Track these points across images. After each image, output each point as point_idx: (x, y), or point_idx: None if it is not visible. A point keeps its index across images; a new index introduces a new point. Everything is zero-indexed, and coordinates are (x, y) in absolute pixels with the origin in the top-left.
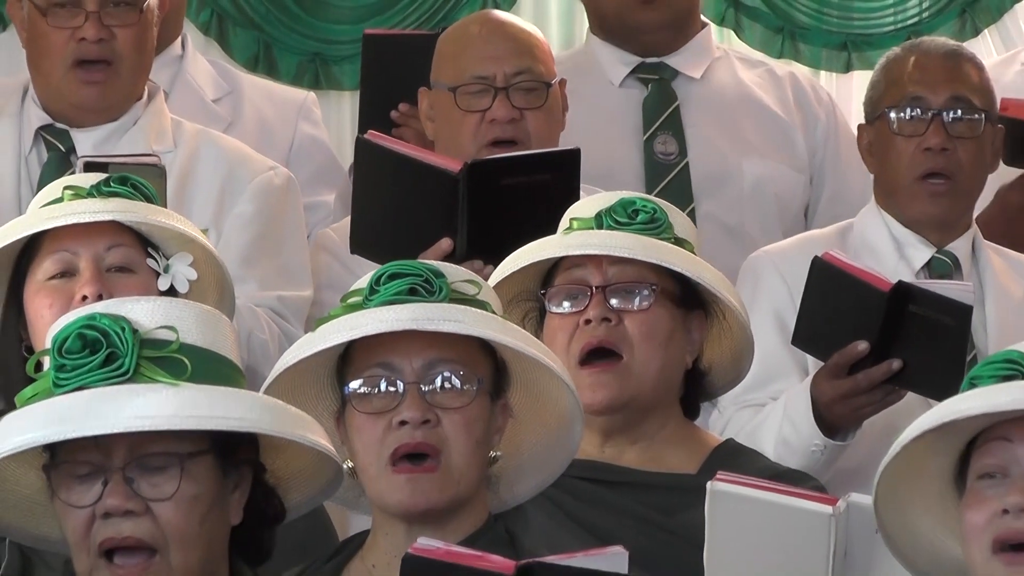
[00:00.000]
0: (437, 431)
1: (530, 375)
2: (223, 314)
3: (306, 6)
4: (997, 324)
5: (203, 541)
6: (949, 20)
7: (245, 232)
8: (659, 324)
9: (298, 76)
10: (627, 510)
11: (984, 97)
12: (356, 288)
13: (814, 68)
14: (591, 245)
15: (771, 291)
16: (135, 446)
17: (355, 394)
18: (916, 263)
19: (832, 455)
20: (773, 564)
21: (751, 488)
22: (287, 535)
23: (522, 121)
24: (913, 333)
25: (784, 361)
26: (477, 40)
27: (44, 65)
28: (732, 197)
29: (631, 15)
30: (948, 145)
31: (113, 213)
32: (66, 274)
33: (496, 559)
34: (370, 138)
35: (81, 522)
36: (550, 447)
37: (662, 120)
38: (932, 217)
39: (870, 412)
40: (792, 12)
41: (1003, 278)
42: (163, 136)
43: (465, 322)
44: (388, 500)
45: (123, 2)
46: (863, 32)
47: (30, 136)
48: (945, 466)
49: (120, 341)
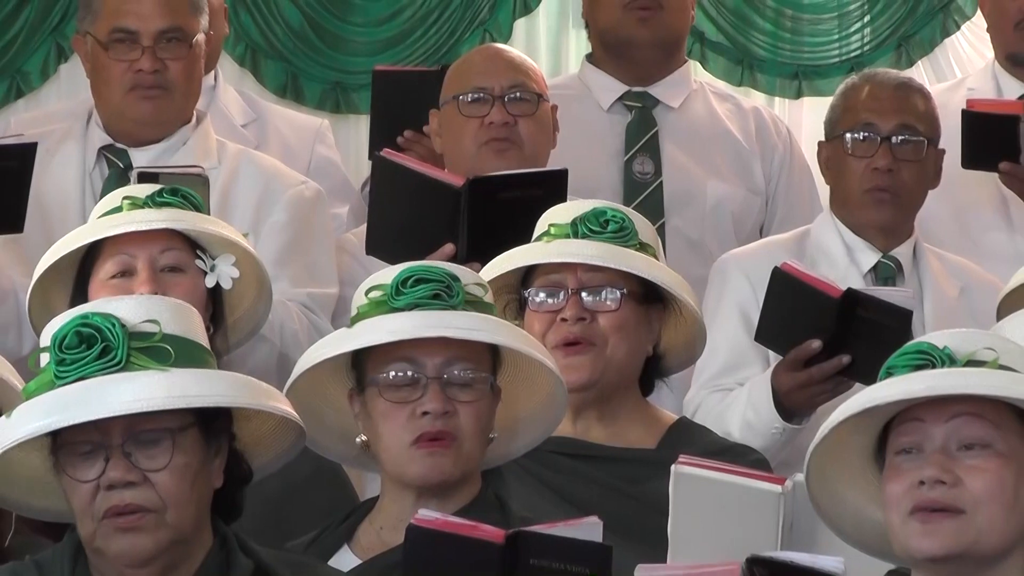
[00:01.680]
0: (454, 420)
1: (522, 362)
2: (262, 305)
3: (328, 41)
4: (934, 320)
5: (194, 502)
6: (887, 53)
7: (279, 237)
8: (626, 320)
9: (322, 102)
10: (596, 480)
11: (928, 124)
12: (378, 284)
13: (769, 95)
14: (569, 254)
15: (737, 290)
16: (131, 425)
17: (382, 384)
18: (864, 266)
19: (789, 436)
20: (729, 536)
21: (710, 470)
22: (315, 501)
23: (515, 126)
24: (860, 333)
25: (748, 352)
26: (479, 61)
27: (105, 92)
28: (696, 214)
29: (626, 29)
30: (893, 166)
31: (167, 222)
32: (125, 274)
33: (488, 529)
34: (386, 155)
35: (86, 494)
36: (540, 414)
37: (642, 143)
38: (877, 224)
39: (823, 400)
40: (750, 46)
41: (940, 280)
42: (208, 154)
43: (486, 331)
44: (408, 474)
45: (175, 38)
46: (812, 63)
47: (93, 155)
48: (866, 444)
49: (112, 335)
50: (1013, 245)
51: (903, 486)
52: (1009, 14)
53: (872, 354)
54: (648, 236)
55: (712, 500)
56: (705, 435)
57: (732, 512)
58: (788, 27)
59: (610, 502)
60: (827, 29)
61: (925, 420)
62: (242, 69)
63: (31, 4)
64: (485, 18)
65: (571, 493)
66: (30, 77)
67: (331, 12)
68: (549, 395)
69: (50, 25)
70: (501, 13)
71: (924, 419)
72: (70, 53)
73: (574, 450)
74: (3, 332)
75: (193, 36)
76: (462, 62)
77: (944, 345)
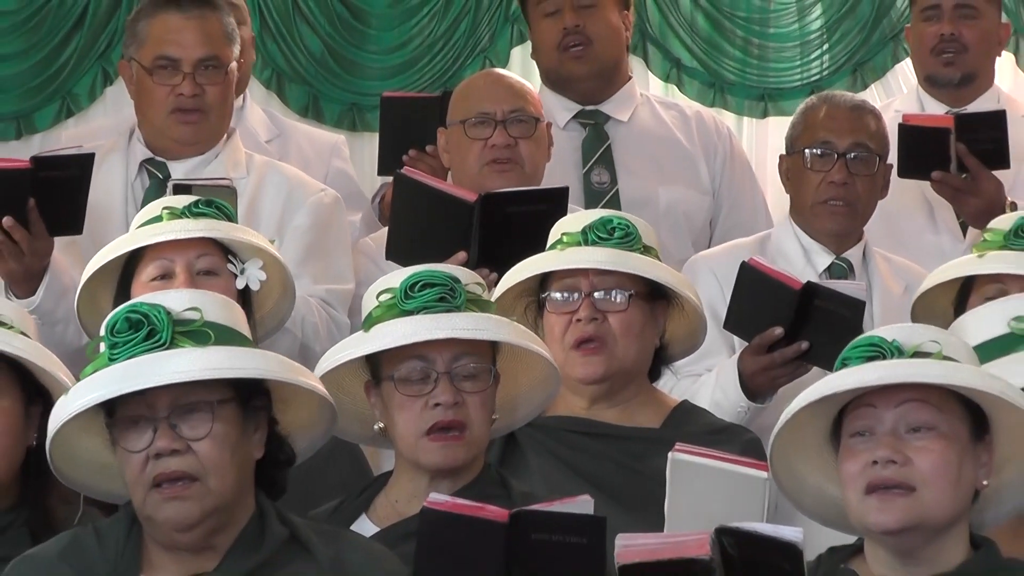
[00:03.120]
0: (463, 410)
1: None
2: (286, 303)
3: (345, 67)
4: (881, 315)
5: (234, 469)
6: (843, 77)
7: (301, 240)
8: (634, 319)
9: (339, 121)
10: (607, 456)
11: (879, 142)
12: (388, 287)
13: (738, 114)
14: (582, 261)
15: (706, 287)
16: (175, 399)
17: (398, 379)
18: (819, 267)
19: (754, 415)
20: (720, 515)
21: (703, 457)
22: (333, 475)
23: (516, 147)
24: (818, 321)
25: (716, 341)
26: (482, 87)
27: (149, 112)
28: (651, 216)
29: (565, 68)
30: (848, 180)
31: (203, 231)
32: (165, 277)
33: (493, 509)
34: (406, 173)
35: (138, 463)
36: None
37: (597, 156)
38: (833, 232)
39: (783, 382)
40: (721, 71)
41: (887, 279)
42: (238, 166)
43: (489, 329)
44: (423, 461)
45: (212, 65)
46: (776, 86)
47: (135, 167)
48: (822, 427)
49: (157, 320)
50: (938, 245)
51: (858, 465)
52: (926, 41)
53: (828, 340)
54: (650, 239)
55: (704, 484)
56: (703, 416)
57: (722, 494)
58: (755, 54)
59: (619, 476)
60: (790, 56)
61: (877, 406)
62: (269, 91)
63: (80, 33)
64: (485, 46)
65: (584, 468)
66: (79, 98)
67: (348, 41)
68: (543, 374)
69: (97, 52)
70: (500, 42)
71: (876, 405)
72: (115, 77)
73: (587, 429)
74: (64, 324)
75: (228, 64)
76: (467, 86)
77: (893, 338)
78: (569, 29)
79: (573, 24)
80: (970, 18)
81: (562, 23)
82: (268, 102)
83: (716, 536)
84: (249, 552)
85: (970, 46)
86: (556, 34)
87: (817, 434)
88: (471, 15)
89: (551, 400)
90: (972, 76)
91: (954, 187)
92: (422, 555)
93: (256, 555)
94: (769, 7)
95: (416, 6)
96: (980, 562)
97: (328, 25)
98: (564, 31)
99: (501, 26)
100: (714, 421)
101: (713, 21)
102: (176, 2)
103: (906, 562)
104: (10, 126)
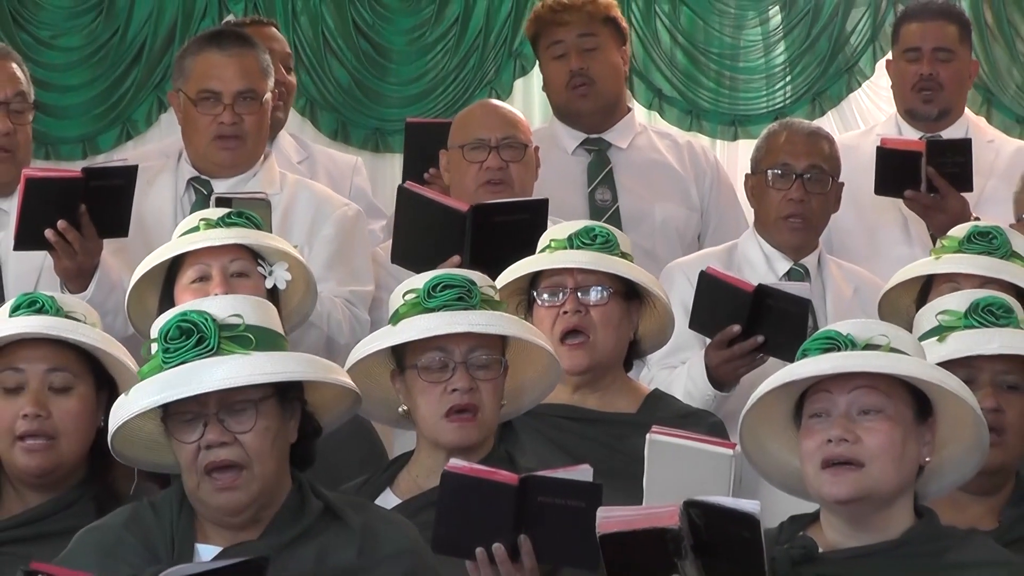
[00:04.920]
0: (477, 395)
1: (525, 343)
2: (309, 301)
3: (369, 96)
4: (834, 313)
5: (275, 456)
6: (804, 105)
7: (328, 247)
8: (612, 313)
9: (364, 143)
10: (591, 437)
11: (832, 164)
12: (412, 288)
13: (712, 138)
14: (569, 261)
15: (680, 291)
16: (223, 397)
17: (421, 367)
18: (779, 272)
19: (720, 402)
20: (691, 489)
21: (676, 437)
22: (351, 453)
23: (507, 169)
24: (770, 318)
25: (688, 337)
26: (479, 116)
27: (195, 138)
28: (647, 230)
29: (572, 105)
30: (804, 198)
31: (235, 238)
32: (203, 279)
33: (505, 474)
34: (407, 187)
35: (191, 453)
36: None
37: (600, 177)
38: (791, 245)
39: (744, 372)
40: (697, 100)
41: (839, 282)
42: (273, 183)
43: (500, 325)
44: (442, 439)
45: (249, 97)
46: (745, 113)
47: (183, 184)
48: (786, 409)
49: (205, 328)
50: (912, 255)
51: (815, 443)
52: (907, 78)
53: (780, 333)
54: (626, 246)
55: (678, 460)
56: (673, 403)
57: (694, 470)
58: (727, 85)
59: (601, 455)
60: (757, 87)
61: (832, 391)
62: (303, 118)
63: (138, 67)
64: (492, 78)
65: (571, 448)
66: (137, 124)
67: (372, 74)
68: (545, 366)
69: (152, 84)
70: (504, 74)
71: (831, 390)
72: (168, 105)
73: (573, 415)
74: (113, 316)
75: (263, 95)
76: (466, 115)
77: (847, 332)
78: (575, 71)
79: (578, 67)
80: (947, 60)
81: (568, 65)
82: (302, 127)
83: (684, 508)
84: (290, 523)
85: (946, 85)
86: (564, 75)
87: (782, 415)
88: (479, 51)
89: (552, 388)
90: (947, 111)
91: (924, 204)
92: (442, 513)
93: (297, 525)
94: (739, 44)
95: (431, 43)
96: (922, 529)
97: (355, 60)
98: (571, 73)
99: (505, 61)
100: (683, 407)
101: (690, 56)
102: (218, 41)
103: (857, 529)
104: (77, 147)
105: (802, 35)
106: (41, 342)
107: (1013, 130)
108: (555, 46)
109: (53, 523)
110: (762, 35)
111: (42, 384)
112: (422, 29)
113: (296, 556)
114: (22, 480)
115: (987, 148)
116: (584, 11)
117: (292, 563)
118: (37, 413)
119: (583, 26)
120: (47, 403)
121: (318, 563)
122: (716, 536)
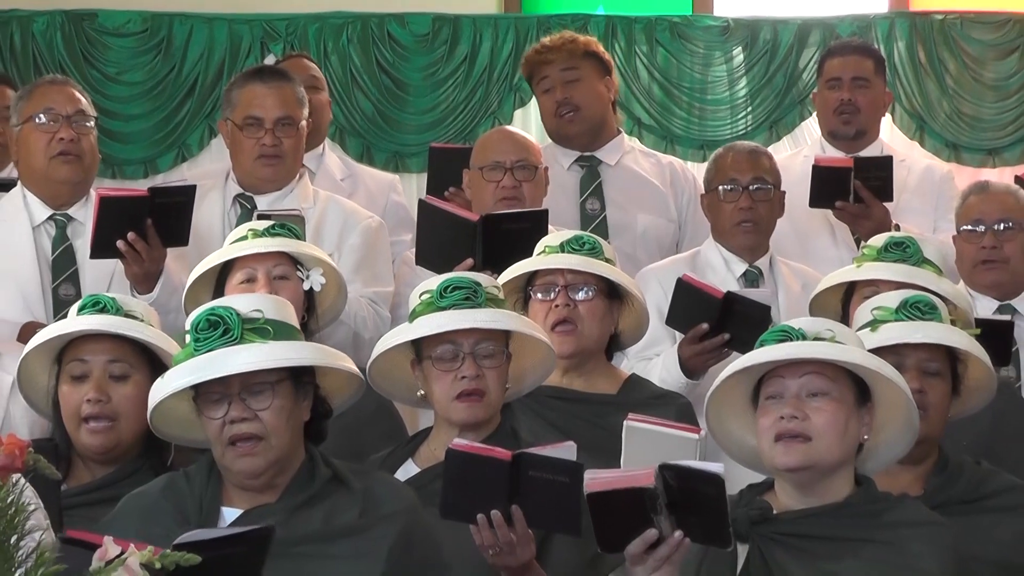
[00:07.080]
0: (483, 380)
1: (526, 336)
2: (340, 301)
3: (390, 124)
4: (786, 309)
5: (289, 431)
6: (762, 131)
7: (354, 254)
8: (597, 308)
9: (386, 165)
10: (578, 415)
11: (773, 176)
12: (427, 289)
13: (684, 159)
14: (560, 263)
15: (654, 293)
16: (244, 380)
17: (435, 358)
18: (736, 273)
19: (691, 389)
20: None
21: (649, 424)
22: (379, 430)
23: (520, 188)
24: (736, 319)
25: (661, 334)
26: (496, 141)
27: (241, 159)
28: (630, 238)
29: (560, 129)
30: (752, 205)
31: (277, 246)
32: (250, 281)
33: (500, 451)
34: (427, 200)
35: (217, 427)
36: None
37: (591, 190)
38: (745, 246)
39: (712, 364)
40: (671, 127)
41: (788, 280)
42: (306, 199)
43: (502, 321)
44: (454, 418)
45: (287, 123)
46: (712, 139)
47: (230, 201)
48: (745, 391)
49: (230, 320)
50: (838, 256)
51: (770, 420)
52: (829, 104)
53: (744, 332)
54: (610, 253)
55: (650, 443)
56: (648, 386)
57: (664, 451)
58: (696, 114)
59: (586, 431)
60: (722, 116)
61: (785, 376)
62: (332, 142)
63: (192, 100)
64: (495, 109)
65: (560, 425)
66: (191, 148)
67: (392, 104)
68: (543, 354)
69: (204, 113)
70: (505, 105)
71: (784, 376)
72: (218, 132)
73: (562, 395)
74: (176, 314)
75: (299, 122)
76: (485, 140)
77: (799, 327)
78: (560, 101)
79: (563, 97)
80: (863, 88)
81: (555, 97)
82: (333, 150)
83: (659, 471)
84: (302, 488)
85: (863, 109)
86: (552, 105)
87: (742, 397)
88: (485, 86)
89: (549, 374)
90: (864, 132)
91: (852, 213)
92: (447, 485)
93: (308, 490)
94: (707, 79)
95: (443, 79)
96: (862, 494)
97: (377, 93)
98: (557, 103)
99: (507, 94)
100: (657, 389)
101: (665, 90)
102: (260, 76)
103: (805, 494)
104: (139, 168)
105: (761, 72)
106: (103, 337)
107: (942, 153)
108: (543, 81)
109: (116, 490)
110: (727, 72)
111: (103, 373)
112: (435, 67)
113: (306, 516)
114: (88, 455)
115: (900, 167)
116: (565, 49)
117: (303, 523)
118: (99, 398)
119: (564, 62)
120: (108, 389)
121: (325, 522)
122: (686, 494)
